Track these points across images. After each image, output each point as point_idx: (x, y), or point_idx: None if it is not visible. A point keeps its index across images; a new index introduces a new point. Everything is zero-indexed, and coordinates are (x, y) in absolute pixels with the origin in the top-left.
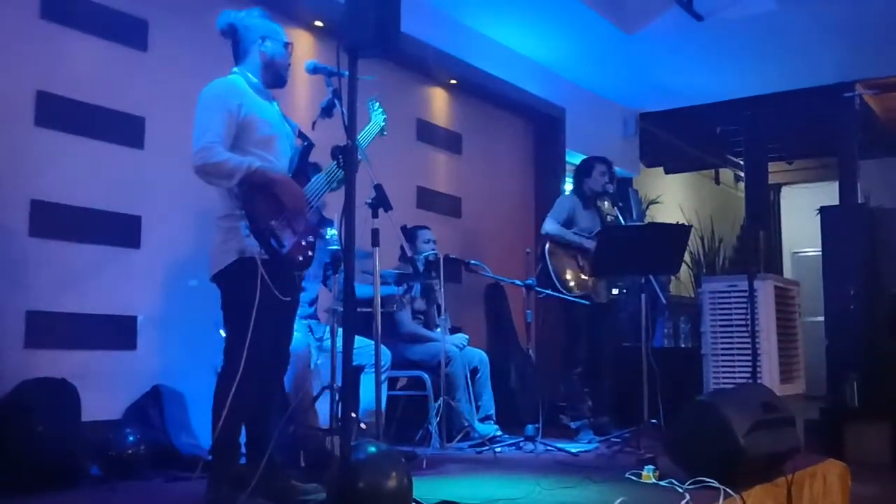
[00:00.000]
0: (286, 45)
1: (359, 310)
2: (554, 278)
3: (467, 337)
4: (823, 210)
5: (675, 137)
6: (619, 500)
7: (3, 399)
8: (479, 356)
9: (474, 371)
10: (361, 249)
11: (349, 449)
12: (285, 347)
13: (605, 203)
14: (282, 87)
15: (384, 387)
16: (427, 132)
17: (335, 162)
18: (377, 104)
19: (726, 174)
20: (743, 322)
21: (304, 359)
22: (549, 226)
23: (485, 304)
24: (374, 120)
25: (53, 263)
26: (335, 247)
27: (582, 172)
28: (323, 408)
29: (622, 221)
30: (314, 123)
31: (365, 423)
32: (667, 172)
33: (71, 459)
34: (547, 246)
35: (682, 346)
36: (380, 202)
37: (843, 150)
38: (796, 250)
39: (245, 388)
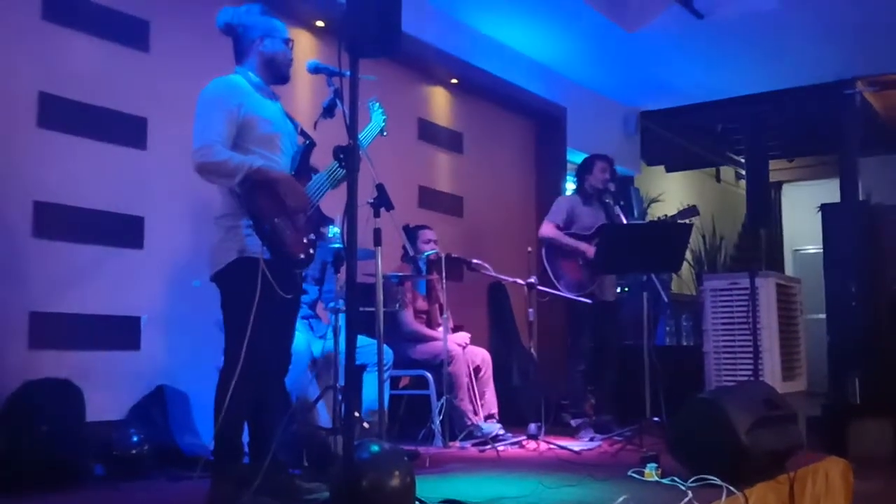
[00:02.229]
0: (286, 41)
1: (361, 309)
2: (554, 280)
3: (468, 335)
4: (824, 207)
5: (676, 135)
6: (621, 498)
7: (7, 399)
8: (482, 355)
9: (476, 369)
10: (363, 249)
11: (352, 448)
12: (286, 347)
13: (611, 201)
14: (284, 83)
15: (387, 386)
16: (428, 131)
17: (336, 161)
18: (377, 105)
19: (727, 172)
20: (744, 319)
21: (303, 358)
22: (544, 229)
23: (487, 302)
24: (375, 120)
25: (57, 264)
26: (337, 245)
27: (583, 170)
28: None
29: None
30: (316, 123)
31: (368, 422)
32: (668, 171)
33: (75, 459)
34: (544, 250)
35: (684, 343)
36: (382, 202)
37: (843, 148)
38: (797, 248)
39: (246, 387)
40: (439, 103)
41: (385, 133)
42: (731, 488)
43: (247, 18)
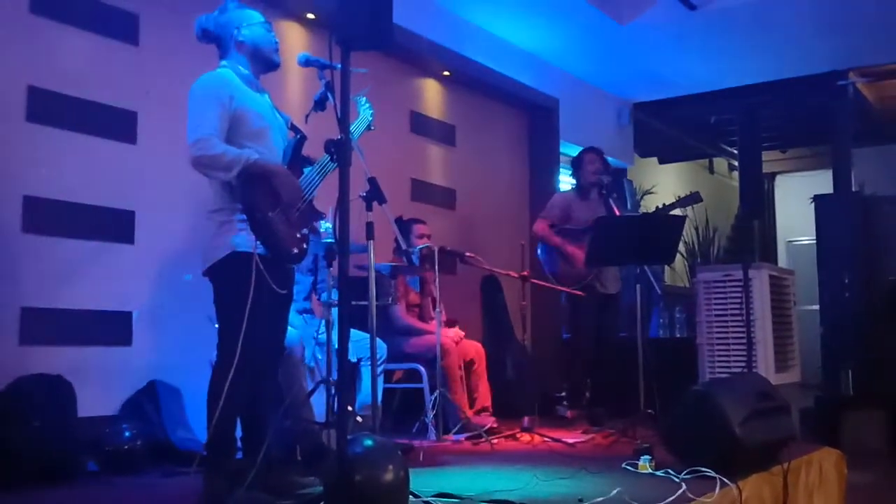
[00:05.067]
0: (263, 24)
1: (354, 303)
2: (550, 276)
3: (462, 333)
4: (818, 198)
5: (669, 127)
6: (615, 491)
7: None
8: (475, 348)
9: (470, 363)
10: (356, 243)
11: (346, 442)
12: (279, 341)
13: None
14: (275, 69)
15: (380, 380)
16: (421, 124)
17: (328, 155)
18: (365, 100)
19: (720, 163)
20: (738, 311)
21: (296, 352)
22: (537, 226)
23: (480, 295)
24: (363, 115)
25: (47, 259)
26: (329, 240)
27: (576, 166)
28: (319, 402)
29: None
30: (307, 117)
31: (361, 416)
32: (661, 162)
33: (67, 455)
34: (539, 246)
35: (678, 335)
36: (374, 195)
37: (837, 139)
38: (791, 239)
39: (239, 382)
40: (432, 96)
41: (373, 128)
42: (725, 480)
43: (221, 18)
